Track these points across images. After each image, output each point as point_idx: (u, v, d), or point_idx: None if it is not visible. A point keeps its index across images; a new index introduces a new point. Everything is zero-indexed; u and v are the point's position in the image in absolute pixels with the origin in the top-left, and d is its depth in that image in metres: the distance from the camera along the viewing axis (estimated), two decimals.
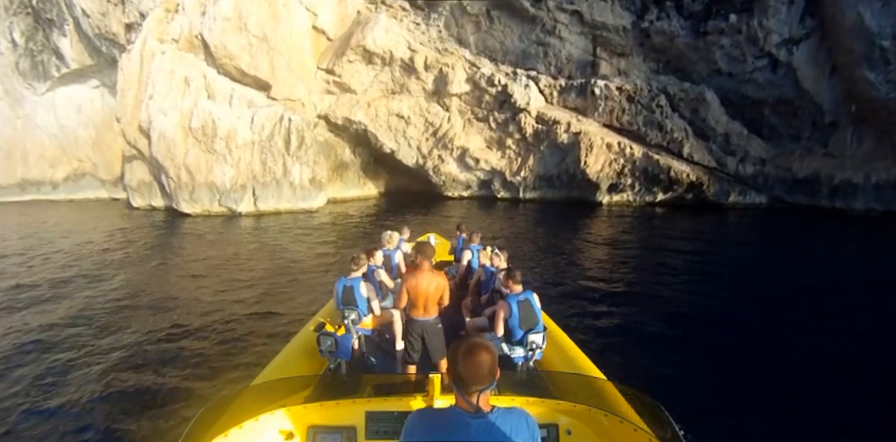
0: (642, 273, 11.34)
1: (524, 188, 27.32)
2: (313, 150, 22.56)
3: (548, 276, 10.66)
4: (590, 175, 24.78)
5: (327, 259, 13.16)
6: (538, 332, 4.15)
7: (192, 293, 9.69)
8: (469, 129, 27.46)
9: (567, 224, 20.78)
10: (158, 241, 17.42)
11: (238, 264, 12.64)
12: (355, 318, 4.76)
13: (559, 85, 26.27)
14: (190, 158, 21.48)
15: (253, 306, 8.57)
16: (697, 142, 25.89)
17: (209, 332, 7.25)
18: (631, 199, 25.89)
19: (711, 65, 26.03)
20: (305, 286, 9.94)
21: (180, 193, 22.30)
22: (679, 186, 25.06)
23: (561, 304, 8.20)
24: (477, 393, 1.56)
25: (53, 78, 39.32)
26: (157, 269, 12.44)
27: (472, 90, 26.30)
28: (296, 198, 22.48)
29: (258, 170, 21.61)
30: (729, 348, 6.68)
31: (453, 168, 28.43)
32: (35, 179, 42.32)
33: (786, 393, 5.32)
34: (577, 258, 13.27)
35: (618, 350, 6.35)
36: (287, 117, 21.99)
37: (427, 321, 4.09)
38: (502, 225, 20.50)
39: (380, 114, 26.86)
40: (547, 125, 25.57)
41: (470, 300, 5.99)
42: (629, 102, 25.67)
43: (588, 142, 24.68)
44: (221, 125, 21.03)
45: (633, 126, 25.80)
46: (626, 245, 15.19)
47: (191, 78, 22.29)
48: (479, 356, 1.55)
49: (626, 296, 9.27)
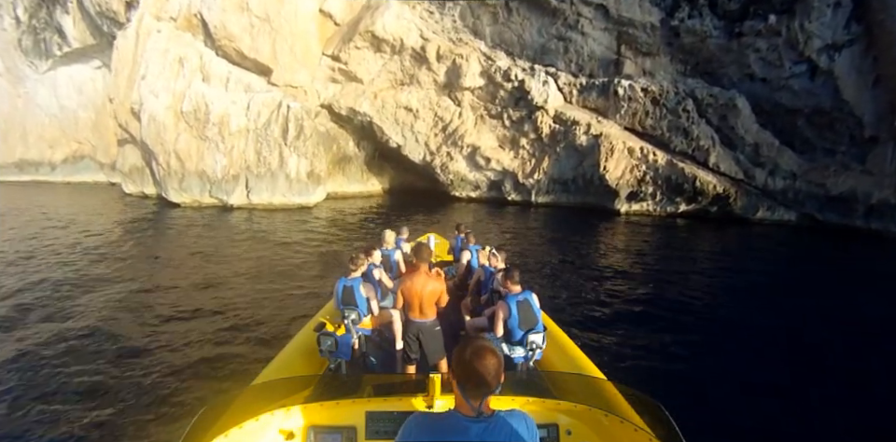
0: (660, 286, 10.60)
1: (536, 192, 25.67)
2: (312, 141, 20.94)
3: (560, 286, 10.05)
4: (609, 181, 23.11)
5: (319, 264, 11.72)
6: (538, 332, 4.11)
7: (169, 294, 8.97)
8: (481, 126, 25.82)
9: (582, 232, 19.28)
10: (137, 233, 15.93)
11: (222, 264, 11.32)
12: (355, 318, 4.74)
13: (579, 83, 24.60)
14: (181, 144, 19.99)
15: (230, 317, 7.73)
16: (724, 151, 24.23)
17: (196, 335, 6.95)
18: (651, 208, 24.21)
19: (744, 69, 24.37)
20: (295, 296, 8.93)
21: (169, 181, 20.85)
22: (704, 198, 23.40)
23: (573, 315, 7.94)
24: (482, 397, 1.56)
25: (55, 57, 39.01)
26: (130, 266, 11.12)
27: (486, 85, 24.66)
28: (292, 192, 20.91)
29: (252, 160, 20.06)
30: (736, 355, 6.70)
31: (462, 166, 26.81)
32: (34, 159, 42.21)
33: (787, 395, 5.33)
34: (592, 268, 12.30)
35: (627, 357, 6.27)
36: (285, 104, 20.42)
37: (423, 322, 4.05)
38: (512, 230, 19.09)
39: (387, 105, 25.27)
40: (565, 125, 23.91)
41: (470, 300, 5.95)
42: (654, 104, 24.03)
43: (609, 145, 23.01)
44: (214, 110, 19.51)
45: (656, 131, 24.15)
46: (645, 257, 14.03)
47: (186, 59, 20.79)
48: (486, 360, 1.53)
49: (641, 308, 8.92)
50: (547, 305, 5.49)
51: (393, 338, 5.13)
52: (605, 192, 24.04)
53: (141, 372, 5.74)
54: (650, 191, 23.52)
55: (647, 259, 13.82)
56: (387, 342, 5.32)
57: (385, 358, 5.10)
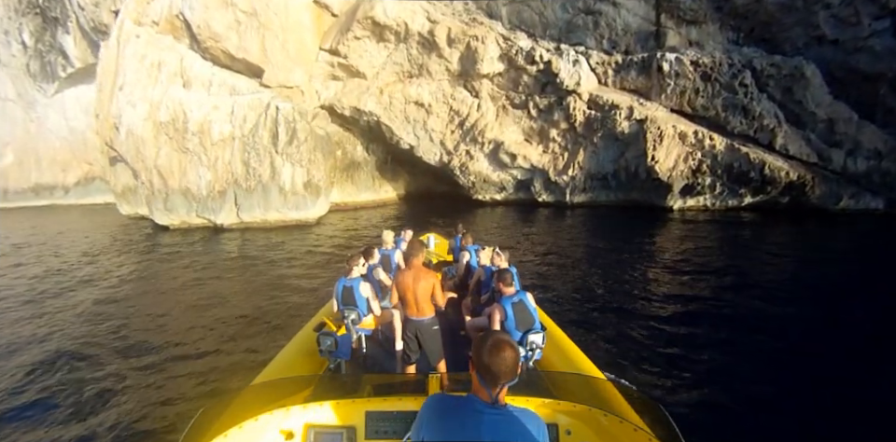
0: (738, 296, 9.04)
1: (571, 190, 22.34)
2: (307, 146, 18.19)
3: (613, 304, 8.60)
4: (659, 174, 19.63)
5: (312, 296, 9.27)
6: (537, 332, 4.07)
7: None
8: (503, 118, 22.63)
9: (630, 235, 16.20)
10: (116, 264, 13.45)
11: (195, 313, 8.78)
12: (355, 318, 4.74)
13: (614, 62, 21.21)
14: (162, 160, 17.62)
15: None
16: (792, 130, 20.48)
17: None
18: (709, 203, 20.61)
19: (811, 31, 20.71)
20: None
21: (154, 201, 18.55)
22: (774, 188, 19.69)
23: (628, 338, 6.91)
24: (500, 387, 1.63)
25: (60, 79, 39.72)
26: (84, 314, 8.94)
27: (507, 70, 21.49)
28: (287, 206, 18.21)
29: (239, 172, 17.47)
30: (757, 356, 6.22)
31: (483, 166, 23.71)
32: (48, 184, 42.95)
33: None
34: (647, 280, 10.47)
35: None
36: (273, 106, 17.75)
37: (421, 321, 4.05)
38: (545, 236, 16.15)
39: (395, 102, 22.40)
40: (602, 111, 20.54)
41: (470, 300, 5.84)
42: (704, 81, 20.47)
43: (657, 131, 19.55)
44: (193, 117, 17.03)
45: (709, 111, 20.58)
46: (711, 262, 11.99)
47: (164, 63, 18.44)
48: (505, 352, 1.62)
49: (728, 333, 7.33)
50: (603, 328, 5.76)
51: (393, 338, 5.09)
52: (653, 187, 20.55)
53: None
54: (707, 183, 19.93)
55: (714, 264, 11.73)
56: (387, 342, 5.26)
57: (385, 358, 5.04)
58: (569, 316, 7.54)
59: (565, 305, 8.33)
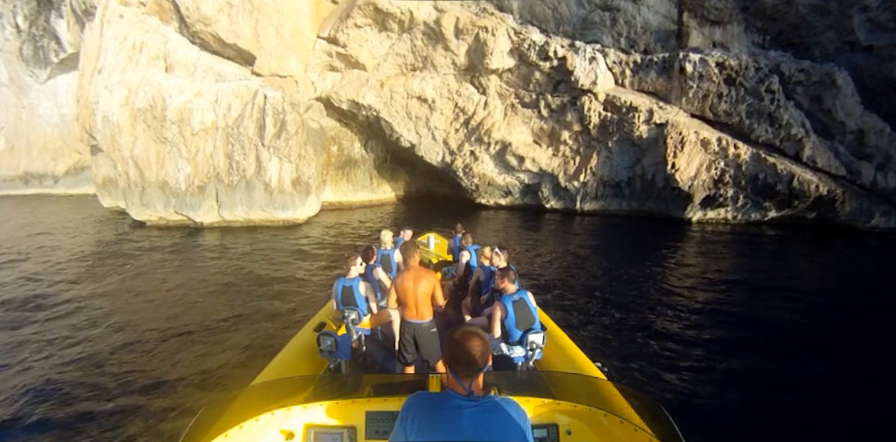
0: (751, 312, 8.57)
1: (582, 197, 20.86)
2: (298, 140, 16.68)
3: (624, 322, 7.86)
4: (680, 183, 18.15)
5: (288, 310, 7.81)
6: (537, 332, 4.05)
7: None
8: (511, 117, 21.18)
9: (645, 247, 14.90)
10: (69, 263, 11.91)
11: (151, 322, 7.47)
12: (354, 318, 4.70)
13: (632, 61, 19.78)
14: (138, 149, 16.11)
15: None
16: (820, 141, 19.07)
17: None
18: (730, 216, 19.14)
19: (844, 36, 19.41)
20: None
21: (130, 195, 17.02)
22: (802, 202, 18.21)
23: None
24: (470, 377, 1.65)
25: (53, 64, 38.44)
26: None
27: (518, 66, 20.05)
28: (273, 205, 16.66)
29: (221, 166, 15.94)
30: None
31: (489, 168, 22.23)
32: (38, 172, 41.62)
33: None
34: (661, 295, 9.62)
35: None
36: (261, 94, 16.24)
37: (420, 323, 3.99)
38: (552, 245, 14.80)
39: (396, 96, 20.93)
40: (619, 113, 19.10)
41: (470, 300, 5.82)
42: (728, 85, 19.07)
43: (678, 136, 18.09)
44: (172, 103, 15.52)
45: (732, 117, 19.18)
46: (734, 279, 10.99)
47: (147, 45, 16.97)
48: (471, 341, 1.64)
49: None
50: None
51: (392, 338, 4.95)
52: (671, 197, 19.08)
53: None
54: (730, 194, 18.45)
55: (733, 281, 10.72)
56: (387, 342, 5.19)
57: (385, 358, 4.99)
58: (574, 322, 7.30)
59: (571, 312, 7.96)
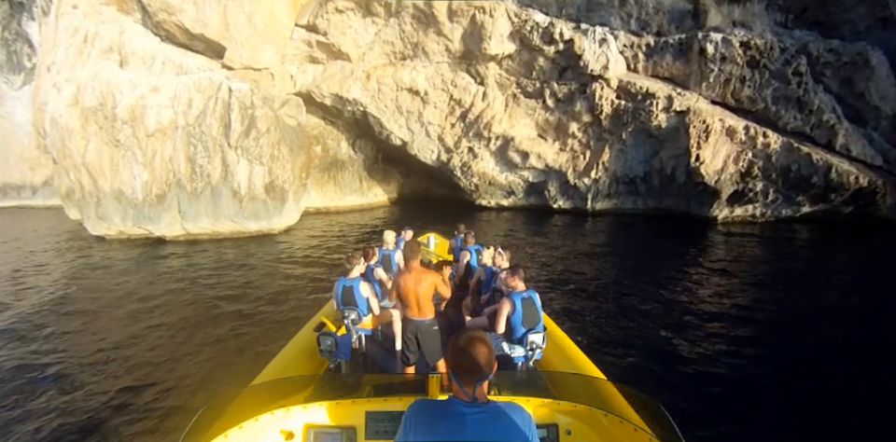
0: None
1: (593, 196, 18.95)
2: (270, 138, 14.57)
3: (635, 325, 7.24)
4: (706, 177, 16.28)
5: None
6: (538, 332, 4.05)
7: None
8: (513, 109, 19.17)
9: (667, 250, 13.14)
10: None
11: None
12: (355, 318, 4.68)
13: (645, 44, 17.82)
14: (91, 155, 14.00)
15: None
16: (852, 128, 17.29)
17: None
18: (758, 212, 17.30)
19: (877, 11, 17.61)
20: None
21: (86, 207, 14.93)
22: (839, 196, 16.41)
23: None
24: (473, 384, 1.58)
25: (26, 70, 36.52)
26: None
27: (519, 51, 18.01)
28: (243, 214, 14.56)
29: (182, 171, 13.83)
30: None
31: (489, 166, 20.24)
32: (16, 183, 39.73)
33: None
34: (683, 305, 8.65)
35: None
36: (225, 87, 14.12)
37: (422, 321, 3.99)
38: (562, 248, 13.15)
39: (384, 89, 18.87)
40: (634, 101, 17.16)
41: (470, 300, 5.72)
42: (752, 68, 17.18)
43: (701, 125, 16.20)
44: (123, 100, 13.40)
45: (757, 103, 17.32)
46: (768, 283, 9.84)
47: (98, 36, 14.83)
48: (477, 348, 1.56)
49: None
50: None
51: (393, 338, 4.98)
52: (694, 193, 17.22)
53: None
54: (759, 188, 16.59)
55: (766, 287, 9.57)
56: (387, 342, 5.14)
57: (385, 358, 4.92)
58: (591, 332, 6.91)
59: (585, 320, 7.50)
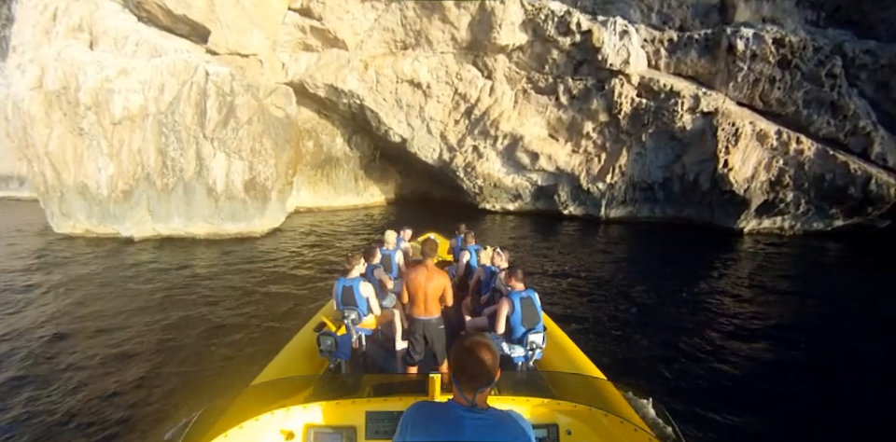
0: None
1: (607, 202, 17.51)
2: (251, 130, 13.03)
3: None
4: (734, 185, 14.88)
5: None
6: (538, 332, 4.04)
7: None
8: (523, 106, 17.72)
9: (687, 262, 11.98)
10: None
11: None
12: (355, 318, 4.65)
13: (667, 39, 16.41)
14: (54, 144, 12.49)
15: None
16: (887, 135, 15.95)
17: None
18: (787, 225, 15.89)
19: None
20: None
21: (49, 202, 13.43)
22: (877, 209, 15.04)
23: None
24: (474, 391, 1.55)
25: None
26: None
27: (532, 42, 16.56)
28: (220, 215, 13.02)
29: (152, 164, 12.31)
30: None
31: (495, 167, 18.78)
32: (4, 174, 37.59)
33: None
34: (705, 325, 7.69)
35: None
36: (202, 70, 12.61)
37: (429, 320, 3.98)
38: (572, 257, 11.96)
39: (383, 80, 17.40)
40: (657, 99, 15.75)
41: (470, 300, 5.77)
42: (782, 68, 15.80)
43: (730, 128, 14.82)
44: (86, 84, 11.89)
45: (787, 107, 15.94)
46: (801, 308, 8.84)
47: (67, 12, 13.34)
48: (481, 354, 1.53)
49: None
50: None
51: (393, 338, 5.00)
52: (719, 202, 15.82)
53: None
54: (790, 199, 15.18)
55: (799, 310, 8.44)
56: (387, 342, 5.15)
57: (385, 358, 4.92)
58: (604, 349, 6.30)
59: (596, 334, 6.92)
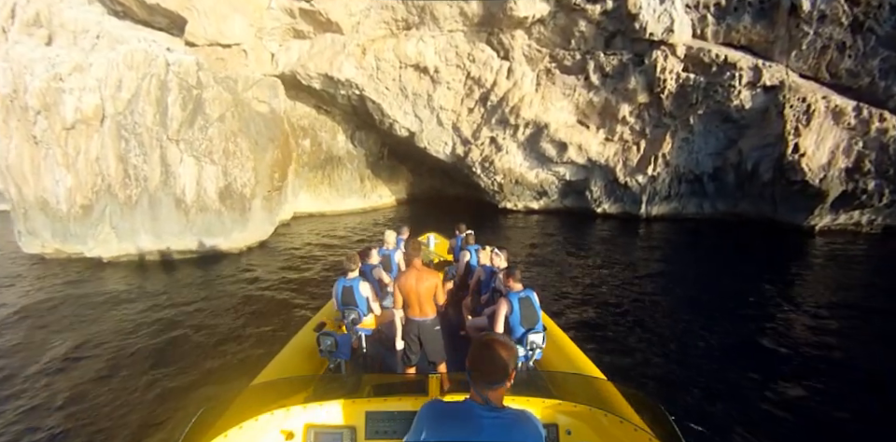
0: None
1: (648, 197, 15.24)
2: (223, 129, 10.97)
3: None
4: (808, 173, 12.53)
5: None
6: (538, 332, 4.01)
7: None
8: (547, 88, 15.47)
9: (749, 266, 9.90)
10: None
11: None
12: (355, 318, 4.65)
13: (714, 3, 13.96)
14: (12, 155, 10.85)
15: None
16: None
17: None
18: (864, 220, 13.45)
19: None
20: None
21: (16, 219, 11.90)
22: None
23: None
24: (487, 388, 1.56)
25: None
26: None
27: (555, 13, 14.27)
28: (191, 229, 11.04)
29: (113, 174, 10.50)
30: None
31: (517, 161, 16.61)
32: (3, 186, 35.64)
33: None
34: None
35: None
36: (162, 60, 10.67)
37: (424, 321, 3.97)
38: (610, 263, 10.04)
39: (384, 65, 15.32)
40: (707, 74, 13.39)
41: (470, 300, 5.65)
42: (854, 33, 13.28)
43: (801, 105, 12.44)
44: (33, 85, 10.12)
45: (860, 78, 13.48)
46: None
47: (18, 5, 11.63)
48: (495, 351, 1.56)
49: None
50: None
51: (393, 338, 4.78)
52: (785, 194, 13.44)
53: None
54: (871, 188, 12.74)
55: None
56: (387, 342, 4.99)
57: (385, 358, 4.89)
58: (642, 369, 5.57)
59: (629, 349, 5.96)
